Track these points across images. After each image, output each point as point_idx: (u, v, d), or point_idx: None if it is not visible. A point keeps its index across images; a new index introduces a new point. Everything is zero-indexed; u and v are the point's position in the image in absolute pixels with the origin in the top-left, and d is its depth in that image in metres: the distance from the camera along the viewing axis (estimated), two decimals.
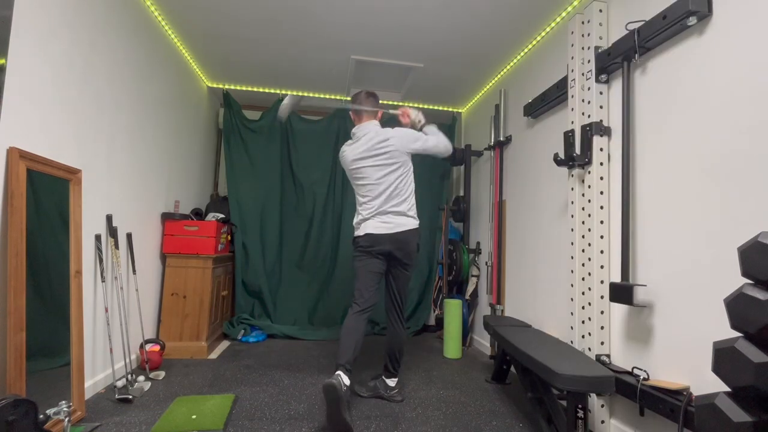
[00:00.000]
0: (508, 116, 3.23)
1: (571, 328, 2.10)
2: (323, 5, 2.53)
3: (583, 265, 2.04)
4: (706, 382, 1.45)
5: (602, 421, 1.88)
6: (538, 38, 2.79)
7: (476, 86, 3.70)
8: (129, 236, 2.47)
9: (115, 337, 2.32)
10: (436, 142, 2.32)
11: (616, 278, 1.91)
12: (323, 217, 4.01)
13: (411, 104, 4.15)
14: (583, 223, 2.07)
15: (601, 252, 1.97)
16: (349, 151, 2.31)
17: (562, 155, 2.21)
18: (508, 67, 3.24)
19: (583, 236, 2.06)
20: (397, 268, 2.28)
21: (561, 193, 2.42)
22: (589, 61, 2.08)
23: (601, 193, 2.00)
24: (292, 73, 3.55)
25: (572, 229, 2.14)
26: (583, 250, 2.05)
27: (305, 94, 4.01)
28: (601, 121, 2.03)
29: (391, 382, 2.29)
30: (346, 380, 1.89)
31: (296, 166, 3.98)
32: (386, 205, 2.21)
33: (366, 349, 3.29)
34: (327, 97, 4.03)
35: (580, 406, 1.62)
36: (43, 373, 1.65)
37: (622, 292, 1.78)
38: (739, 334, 1.06)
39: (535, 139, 2.78)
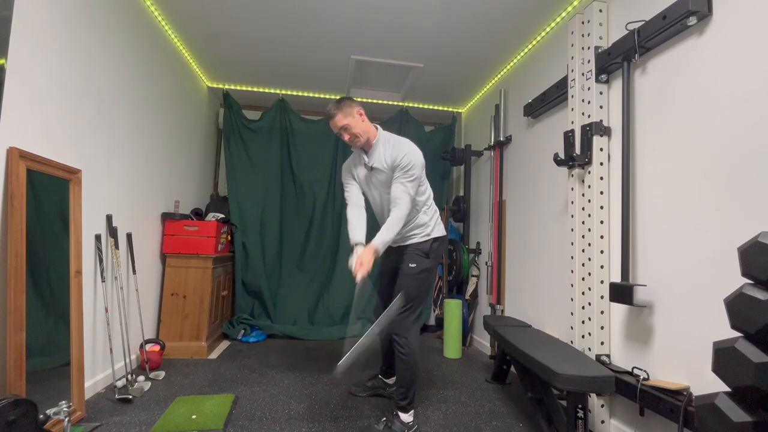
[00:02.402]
0: (508, 116, 3.23)
1: (571, 328, 2.10)
2: (323, 5, 2.53)
3: (583, 265, 2.04)
4: (706, 382, 1.45)
5: (602, 421, 1.88)
6: (538, 38, 2.79)
7: (476, 86, 3.69)
8: (129, 236, 2.47)
9: (115, 337, 2.32)
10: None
11: (616, 278, 1.91)
12: (323, 217, 4.01)
13: (411, 104, 4.15)
14: (583, 223, 2.07)
15: (601, 252, 1.97)
16: None
17: (562, 155, 2.21)
18: (508, 67, 3.24)
19: (583, 236, 2.06)
20: None
21: (561, 193, 2.42)
22: (589, 61, 2.08)
23: (601, 193, 2.00)
24: (292, 73, 3.55)
25: (572, 229, 2.14)
26: (583, 250, 2.05)
27: (305, 94, 4.01)
28: (601, 121, 2.03)
29: (391, 381, 2.30)
30: None
31: (296, 166, 3.98)
32: None
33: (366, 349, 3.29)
34: (327, 97, 4.03)
35: (580, 406, 1.62)
36: (43, 373, 1.65)
37: (622, 292, 1.78)
38: (739, 334, 1.06)
39: (535, 139, 2.78)
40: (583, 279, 2.04)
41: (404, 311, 1.91)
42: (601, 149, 2.01)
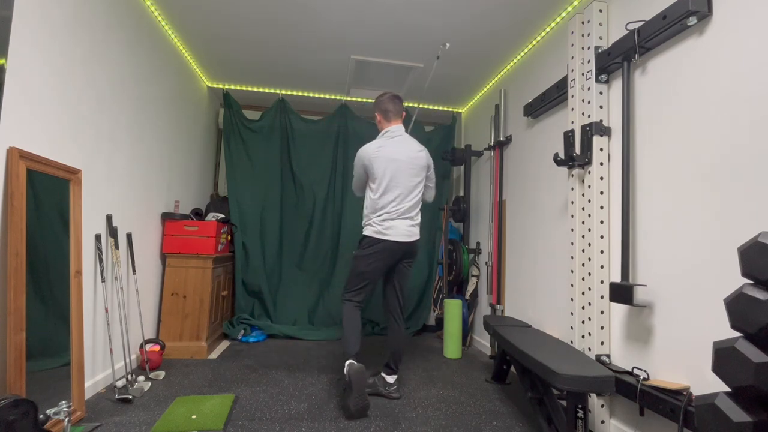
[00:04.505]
0: (508, 116, 3.23)
1: (571, 328, 2.10)
2: (323, 5, 2.53)
3: (583, 265, 2.04)
4: (706, 382, 1.45)
5: (602, 421, 1.88)
6: (538, 38, 2.79)
7: (476, 86, 3.69)
8: (129, 236, 2.47)
9: (115, 337, 2.32)
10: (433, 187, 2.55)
11: (616, 278, 1.91)
12: (323, 217, 4.00)
13: (411, 104, 4.15)
14: (583, 223, 2.07)
15: (601, 252, 1.97)
16: (385, 149, 2.30)
17: (562, 155, 2.21)
18: (508, 67, 3.24)
19: (583, 236, 2.06)
20: (404, 266, 2.39)
21: (561, 193, 2.42)
22: (589, 61, 2.08)
23: (601, 193, 2.00)
24: (292, 73, 3.55)
25: (572, 229, 2.14)
26: (583, 250, 2.05)
27: (305, 94, 4.01)
28: (601, 121, 2.03)
29: (390, 379, 2.32)
30: None
31: (296, 166, 3.98)
32: (411, 212, 2.34)
33: (366, 348, 3.29)
34: (327, 97, 4.03)
35: (580, 406, 1.62)
36: (43, 373, 1.65)
37: (622, 292, 1.78)
38: (739, 334, 1.06)
39: (535, 139, 2.78)
40: (583, 279, 2.04)
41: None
42: (601, 149, 2.02)
